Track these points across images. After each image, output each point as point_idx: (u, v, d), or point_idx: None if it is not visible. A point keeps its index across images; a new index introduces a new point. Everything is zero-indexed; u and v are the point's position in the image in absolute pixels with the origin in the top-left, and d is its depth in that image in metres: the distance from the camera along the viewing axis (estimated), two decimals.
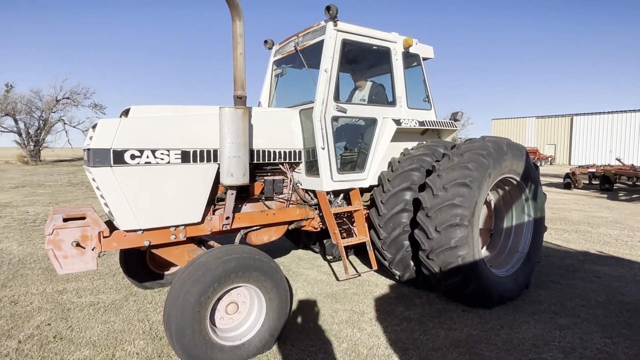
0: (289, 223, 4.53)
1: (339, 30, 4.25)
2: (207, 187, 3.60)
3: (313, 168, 4.33)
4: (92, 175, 3.18)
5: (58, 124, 32.91)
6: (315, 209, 4.57)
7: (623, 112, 40.22)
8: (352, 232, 4.83)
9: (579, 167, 18.69)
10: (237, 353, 3.06)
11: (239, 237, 4.16)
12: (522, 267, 4.51)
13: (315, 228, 4.68)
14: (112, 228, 3.36)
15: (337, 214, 4.57)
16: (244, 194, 4.09)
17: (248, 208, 4.19)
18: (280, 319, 3.27)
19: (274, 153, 4.13)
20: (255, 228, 4.25)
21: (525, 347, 3.37)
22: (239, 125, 3.34)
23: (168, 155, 3.34)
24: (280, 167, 4.29)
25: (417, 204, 4.22)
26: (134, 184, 3.20)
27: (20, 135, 30.91)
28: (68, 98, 32.61)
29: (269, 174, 4.28)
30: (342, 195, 4.62)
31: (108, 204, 3.18)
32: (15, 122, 30.69)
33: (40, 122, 32.19)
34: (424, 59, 5.26)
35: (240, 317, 3.26)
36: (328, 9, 4.01)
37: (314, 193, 4.44)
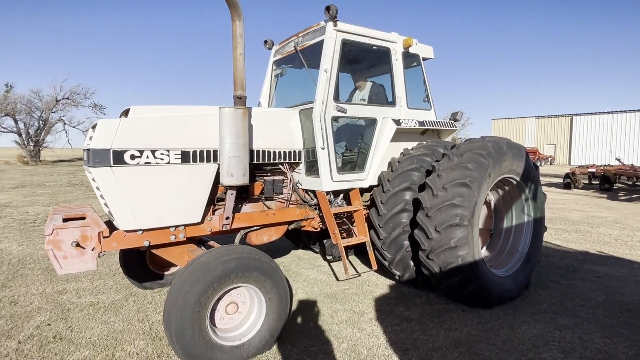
0: (289, 223, 4.53)
1: (339, 31, 4.26)
2: (207, 187, 3.61)
3: (313, 168, 4.33)
4: (92, 176, 3.18)
5: (58, 124, 32.97)
6: (315, 209, 4.57)
7: (623, 112, 40.24)
8: (352, 232, 4.83)
9: (579, 167, 18.70)
10: (237, 353, 3.06)
11: (239, 237, 4.16)
12: (522, 267, 4.51)
13: (315, 228, 4.68)
14: (112, 228, 3.36)
15: (337, 214, 4.57)
16: (244, 194, 4.09)
17: (248, 208, 4.19)
18: (280, 319, 3.27)
19: (274, 153, 4.13)
20: (255, 228, 4.25)
21: (525, 347, 3.37)
22: (239, 126, 3.34)
23: (168, 156, 3.34)
24: (280, 167, 4.29)
25: (417, 204, 4.22)
26: (134, 184, 3.20)
27: (20, 136, 30.91)
28: (68, 98, 32.62)
29: (269, 174, 4.28)
30: (342, 196, 4.62)
31: (108, 204, 3.18)
32: (15, 122, 30.73)
33: (40, 122, 32.20)
34: (424, 59, 5.27)
35: (240, 317, 3.26)
36: (328, 9, 4.01)
37: (314, 193, 4.44)
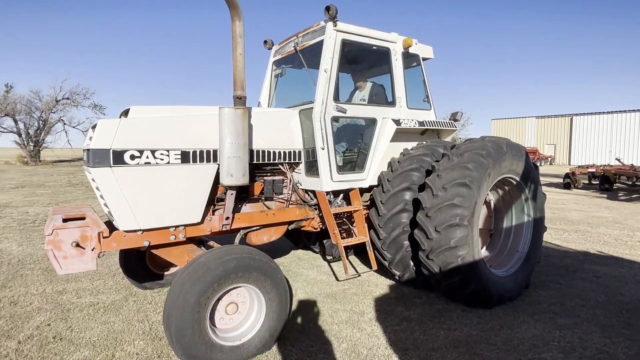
0: (289, 223, 4.53)
1: (339, 31, 4.26)
2: (206, 187, 3.60)
3: (313, 168, 4.33)
4: (91, 176, 3.18)
5: (58, 125, 32.98)
6: (315, 209, 4.56)
7: (622, 112, 40.25)
8: (351, 232, 4.83)
9: (579, 167, 18.70)
10: (236, 353, 3.06)
11: (239, 237, 4.16)
12: (521, 267, 4.51)
13: (315, 228, 4.68)
14: (111, 228, 3.36)
15: (336, 214, 4.57)
16: (244, 194, 4.09)
17: (248, 208, 4.19)
18: (280, 319, 3.27)
19: (274, 153, 4.13)
20: (255, 228, 4.25)
21: (525, 347, 3.37)
22: (239, 126, 3.34)
23: (168, 156, 3.34)
24: (280, 167, 4.29)
25: (416, 204, 4.22)
26: (134, 185, 3.20)
27: (20, 136, 30.92)
28: (68, 98, 32.63)
29: (269, 174, 4.28)
30: (341, 196, 4.62)
31: (108, 204, 3.18)
32: (15, 122, 30.74)
33: (40, 122, 32.21)
34: (424, 59, 5.26)
35: (240, 317, 3.26)
36: (328, 9, 4.01)
37: (314, 193, 4.44)
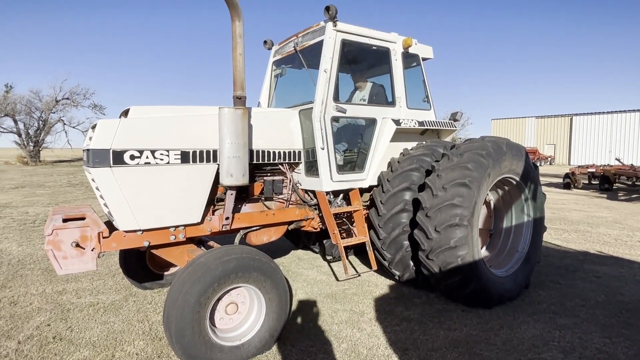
0: (289, 223, 4.53)
1: (339, 31, 4.26)
2: (206, 187, 3.61)
3: (312, 168, 4.33)
4: (91, 176, 3.18)
5: (58, 125, 32.98)
6: (315, 209, 4.56)
7: (622, 112, 40.24)
8: (351, 232, 4.83)
9: (579, 167, 18.71)
10: (236, 353, 3.06)
11: (239, 237, 4.16)
12: (521, 267, 4.51)
13: (315, 228, 4.68)
14: (111, 228, 3.36)
15: (336, 214, 4.57)
16: (244, 195, 4.09)
17: (248, 208, 4.19)
18: (280, 320, 3.27)
19: (274, 153, 4.13)
20: (255, 228, 4.25)
21: (525, 347, 3.37)
22: (239, 126, 3.34)
23: (167, 156, 3.34)
24: (280, 167, 4.29)
25: (416, 204, 4.22)
26: (134, 185, 3.20)
27: (20, 136, 30.92)
28: (68, 98, 32.63)
29: (269, 175, 4.28)
30: (341, 196, 4.62)
31: (107, 205, 3.18)
32: (15, 122, 30.74)
33: (40, 122, 32.20)
34: (424, 59, 5.26)
35: (240, 317, 3.26)
36: (327, 9, 4.01)
37: (314, 193, 4.44)
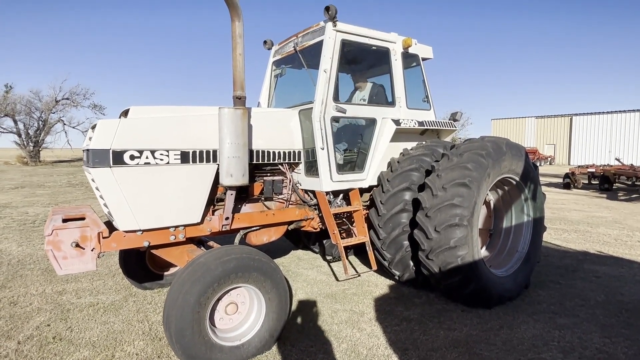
0: (289, 223, 4.53)
1: (338, 31, 4.26)
2: (206, 187, 3.60)
3: (312, 168, 4.33)
4: (91, 176, 3.18)
5: (57, 125, 32.99)
6: (315, 209, 4.56)
7: (622, 112, 40.24)
8: (351, 232, 4.83)
9: (579, 167, 18.71)
10: (236, 353, 3.06)
11: (239, 237, 4.16)
12: (521, 267, 4.51)
13: (315, 228, 4.68)
14: (111, 229, 3.36)
15: (336, 214, 4.57)
16: (244, 195, 4.09)
17: (247, 208, 4.19)
18: (280, 320, 3.27)
19: (274, 153, 4.13)
20: (255, 228, 4.25)
21: (525, 347, 3.37)
22: (239, 126, 3.34)
23: (167, 156, 3.34)
24: (280, 167, 4.29)
25: (416, 204, 4.22)
26: (134, 185, 3.20)
27: (20, 136, 30.92)
28: (67, 99, 32.64)
29: (269, 175, 4.28)
30: (341, 196, 4.62)
31: (107, 205, 3.18)
32: (15, 122, 30.75)
33: (40, 122, 32.21)
34: (424, 59, 5.27)
35: (240, 317, 3.26)
36: (327, 10, 4.01)
37: (314, 193, 4.44)
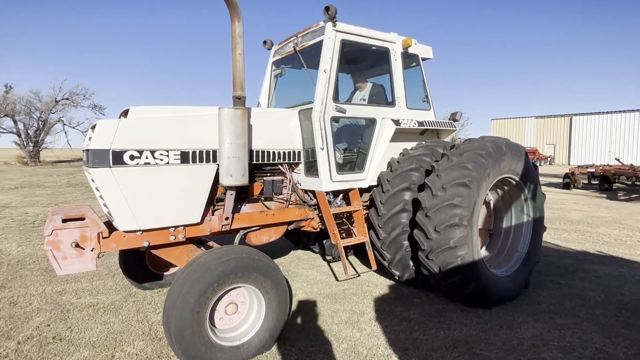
0: (289, 223, 4.53)
1: (338, 31, 4.26)
2: (206, 187, 3.60)
3: (312, 168, 4.33)
4: (91, 176, 3.18)
5: (57, 125, 32.98)
6: (315, 210, 4.56)
7: (622, 112, 40.24)
8: (351, 232, 4.83)
9: (578, 167, 18.70)
10: (236, 353, 3.06)
11: (239, 237, 4.16)
12: (521, 267, 4.51)
13: (315, 228, 4.68)
14: (111, 229, 3.35)
15: (336, 215, 4.57)
16: (244, 195, 4.09)
17: (247, 208, 4.19)
18: (280, 320, 3.27)
19: (273, 153, 4.13)
20: (255, 228, 4.25)
21: (525, 347, 3.37)
22: (238, 126, 3.34)
23: (167, 156, 3.34)
24: (280, 167, 4.29)
25: (416, 204, 4.22)
26: (133, 185, 3.20)
27: (20, 136, 30.91)
28: (67, 99, 32.64)
29: (268, 175, 4.28)
30: (341, 196, 4.62)
31: (107, 205, 3.18)
32: (15, 123, 30.74)
33: (40, 122, 32.20)
34: (423, 60, 5.27)
35: (240, 317, 3.26)
36: (327, 10, 4.02)
37: (314, 193, 4.44)
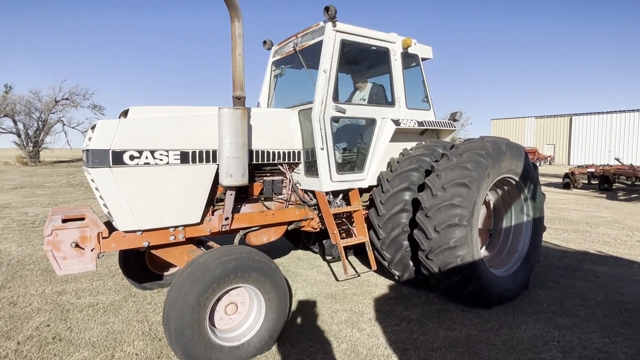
0: (288, 223, 4.53)
1: (338, 31, 4.26)
2: (206, 187, 3.60)
3: (312, 168, 4.33)
4: (91, 176, 3.18)
5: (57, 125, 32.99)
6: (315, 210, 4.56)
7: (622, 112, 40.25)
8: (351, 232, 4.83)
9: (578, 167, 18.70)
10: (236, 354, 3.06)
11: (238, 237, 4.16)
12: (521, 267, 4.51)
13: (315, 228, 4.68)
14: (111, 229, 3.35)
15: (336, 215, 4.57)
16: (243, 195, 4.09)
17: (247, 208, 4.19)
18: (280, 320, 3.27)
19: (273, 153, 4.13)
20: (255, 228, 4.25)
21: (525, 347, 3.37)
22: (238, 126, 3.34)
23: (167, 156, 3.34)
24: (280, 167, 4.29)
25: (416, 204, 4.23)
26: (133, 185, 3.20)
27: (20, 136, 30.91)
28: (67, 99, 32.65)
29: (268, 175, 4.28)
30: (341, 196, 4.62)
31: (107, 205, 3.18)
32: (15, 123, 30.75)
33: (40, 123, 32.20)
34: (423, 60, 5.27)
35: (240, 317, 3.26)
36: (327, 10, 4.02)
37: (313, 193, 4.44)
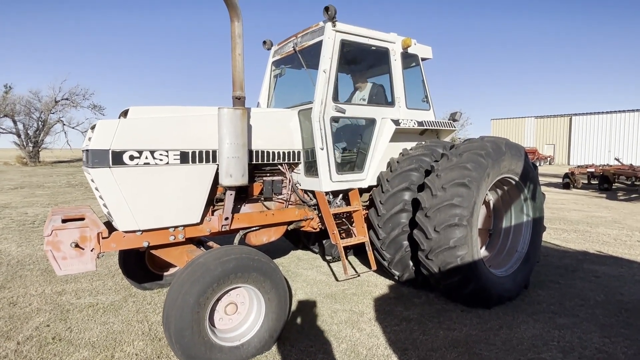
0: (288, 223, 4.53)
1: (338, 31, 4.26)
2: (206, 187, 3.60)
3: (312, 168, 4.33)
4: (91, 176, 3.18)
5: (57, 125, 32.99)
6: (315, 210, 4.56)
7: (622, 112, 40.27)
8: (351, 232, 4.83)
9: (578, 167, 18.70)
10: (236, 354, 3.06)
11: (238, 237, 4.16)
12: (521, 267, 4.51)
13: (315, 228, 4.68)
14: (111, 229, 3.35)
15: (336, 215, 4.57)
16: (243, 195, 4.09)
17: (247, 209, 4.19)
18: (280, 320, 3.27)
19: (273, 154, 4.13)
20: (255, 229, 4.25)
21: (524, 346, 3.37)
22: (238, 126, 3.34)
23: (167, 156, 3.34)
24: (279, 167, 4.29)
25: (416, 204, 4.23)
26: (133, 185, 3.20)
27: (19, 137, 30.91)
28: (67, 99, 32.65)
29: (268, 175, 4.28)
30: (341, 196, 4.62)
31: (107, 205, 3.18)
32: (14, 123, 30.75)
33: (39, 123, 32.20)
34: (423, 60, 5.27)
35: (240, 317, 3.26)
36: (327, 10, 4.02)
37: (313, 193, 4.44)
